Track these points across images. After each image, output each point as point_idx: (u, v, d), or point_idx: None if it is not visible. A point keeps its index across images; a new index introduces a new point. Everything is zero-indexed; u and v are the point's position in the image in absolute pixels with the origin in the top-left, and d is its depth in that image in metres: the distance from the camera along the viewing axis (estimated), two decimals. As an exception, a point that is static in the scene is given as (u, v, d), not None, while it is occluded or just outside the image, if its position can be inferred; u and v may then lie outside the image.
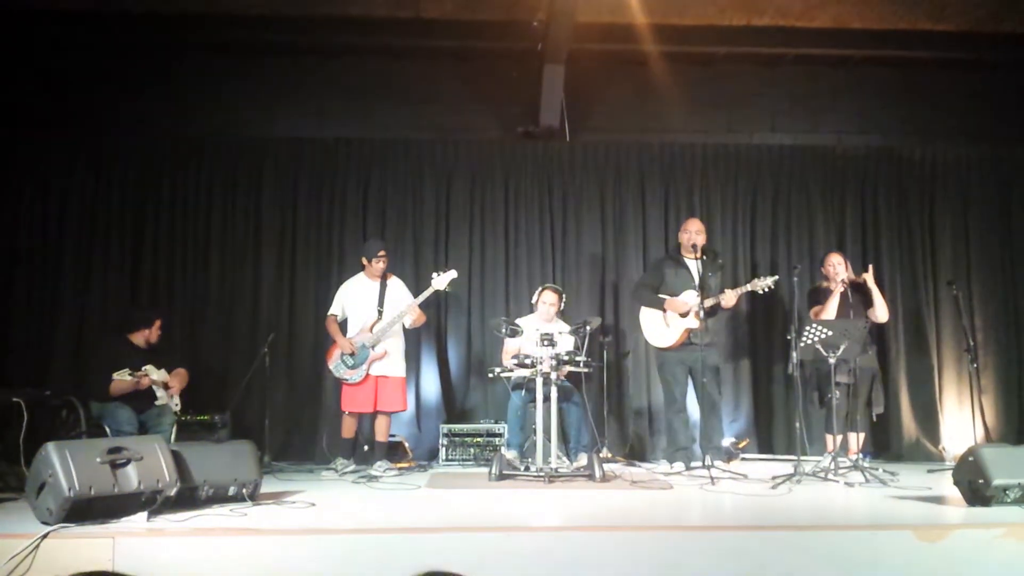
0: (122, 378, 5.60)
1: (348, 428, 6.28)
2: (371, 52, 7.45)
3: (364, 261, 6.34)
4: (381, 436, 6.27)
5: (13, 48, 7.06)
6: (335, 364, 6.18)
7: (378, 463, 6.12)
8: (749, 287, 6.15)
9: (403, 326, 6.31)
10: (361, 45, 7.37)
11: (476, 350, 7.34)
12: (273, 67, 7.47)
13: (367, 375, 6.12)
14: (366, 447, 6.44)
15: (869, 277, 6.22)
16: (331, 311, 6.35)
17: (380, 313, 6.21)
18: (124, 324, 6.17)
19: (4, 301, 7.02)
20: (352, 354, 6.13)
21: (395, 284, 6.41)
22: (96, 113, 7.26)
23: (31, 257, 7.10)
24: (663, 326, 6.25)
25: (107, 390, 5.66)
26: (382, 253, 6.28)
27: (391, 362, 6.20)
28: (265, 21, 7.08)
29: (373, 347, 6.12)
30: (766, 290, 6.13)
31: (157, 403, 5.75)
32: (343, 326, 6.33)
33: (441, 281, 6.21)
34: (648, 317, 6.35)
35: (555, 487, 5.16)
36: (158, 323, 6.08)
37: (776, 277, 6.21)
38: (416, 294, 6.32)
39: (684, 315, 6.13)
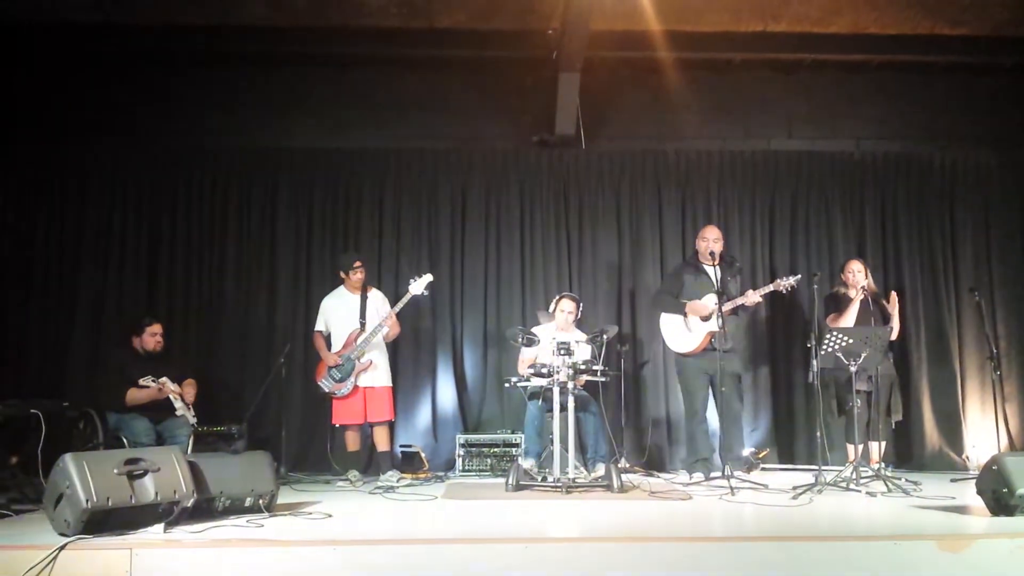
0: (146, 384, 5.63)
1: (352, 442, 6.32)
2: (385, 62, 7.46)
3: (342, 274, 6.39)
4: (383, 446, 6.29)
5: (33, 62, 7.13)
6: (323, 380, 6.23)
7: (388, 473, 6.14)
8: (772, 287, 6.11)
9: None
10: (375, 56, 7.38)
11: (492, 360, 7.31)
12: (288, 78, 7.51)
13: (355, 387, 6.16)
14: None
15: (895, 304, 6.18)
16: (316, 327, 6.42)
17: (363, 324, 6.23)
18: (124, 333, 6.24)
19: (21, 312, 7.06)
20: (339, 367, 6.16)
21: (375, 295, 6.45)
22: (111, 125, 7.31)
23: (48, 267, 7.15)
24: (685, 331, 6.21)
25: (121, 401, 5.69)
26: (358, 264, 6.32)
27: (377, 373, 6.24)
28: (280, 32, 7.11)
29: (359, 358, 6.15)
30: (789, 289, 6.08)
31: (176, 414, 5.76)
32: (328, 341, 6.37)
33: (418, 286, 6.18)
34: (669, 323, 6.30)
35: (573, 498, 5.13)
36: (151, 329, 6.04)
37: (799, 276, 6.17)
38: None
39: (706, 319, 6.08)
